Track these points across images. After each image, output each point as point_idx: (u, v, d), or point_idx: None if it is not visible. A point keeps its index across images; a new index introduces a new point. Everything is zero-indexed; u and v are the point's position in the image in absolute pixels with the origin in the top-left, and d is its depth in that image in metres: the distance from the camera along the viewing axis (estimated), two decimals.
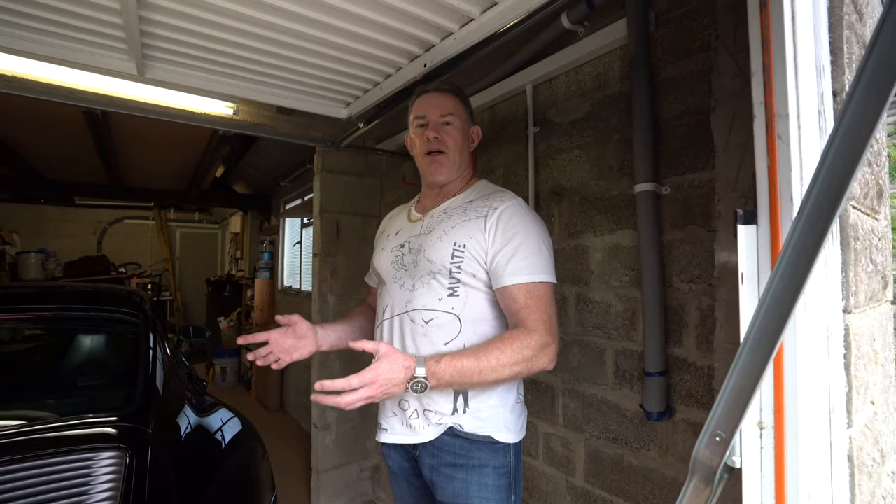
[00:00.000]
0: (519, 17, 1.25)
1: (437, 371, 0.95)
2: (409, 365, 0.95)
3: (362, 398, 0.91)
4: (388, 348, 0.95)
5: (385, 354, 0.94)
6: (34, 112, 3.23)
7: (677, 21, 1.40)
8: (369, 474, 2.97)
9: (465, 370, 0.96)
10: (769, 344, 0.59)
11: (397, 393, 0.97)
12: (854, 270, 0.76)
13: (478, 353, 0.98)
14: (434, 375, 0.95)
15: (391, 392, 0.95)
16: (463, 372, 0.96)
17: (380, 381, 0.92)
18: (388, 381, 0.93)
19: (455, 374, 0.96)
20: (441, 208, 1.22)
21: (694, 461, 0.64)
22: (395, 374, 0.93)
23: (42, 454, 1.26)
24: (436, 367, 0.96)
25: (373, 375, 0.91)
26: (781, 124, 0.67)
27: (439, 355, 0.98)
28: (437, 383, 0.96)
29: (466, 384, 1.01)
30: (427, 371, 0.95)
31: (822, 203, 0.55)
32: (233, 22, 1.38)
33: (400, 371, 0.94)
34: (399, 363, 0.94)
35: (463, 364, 0.96)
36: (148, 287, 6.76)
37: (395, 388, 0.95)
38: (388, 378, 0.93)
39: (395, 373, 0.93)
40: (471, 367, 0.96)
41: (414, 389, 0.96)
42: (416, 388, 0.96)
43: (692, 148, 1.35)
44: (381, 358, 0.94)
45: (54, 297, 2.12)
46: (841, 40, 0.75)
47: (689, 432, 1.35)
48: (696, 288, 1.34)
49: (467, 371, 0.96)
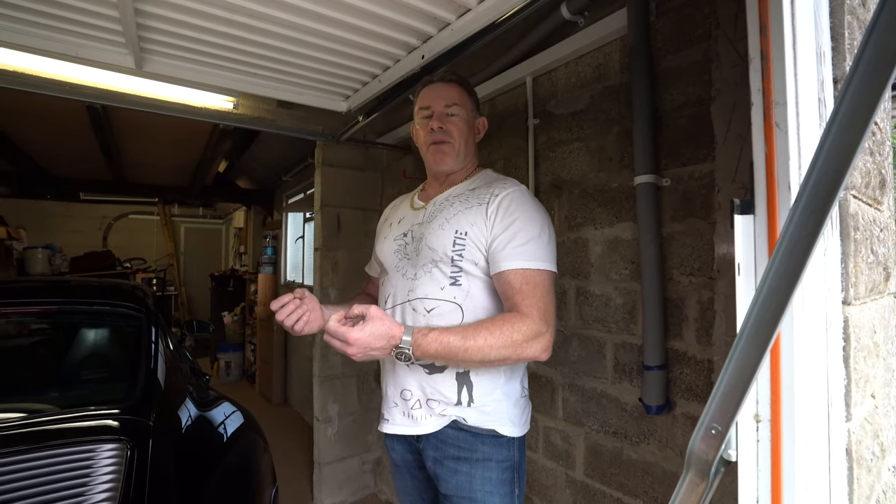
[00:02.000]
0: (516, 6, 1.23)
1: (422, 343, 0.97)
2: (394, 334, 0.96)
3: (335, 346, 0.94)
4: (377, 312, 0.96)
5: (371, 318, 0.95)
6: (38, 108, 3.24)
7: (678, 10, 1.38)
8: (371, 467, 2.98)
9: (451, 347, 0.97)
10: (765, 335, 0.58)
11: (378, 356, 1.00)
12: (854, 261, 0.75)
13: (466, 332, 0.98)
14: (419, 347, 0.97)
15: (370, 355, 0.97)
16: (449, 348, 0.97)
17: (360, 343, 0.93)
18: (366, 346, 0.94)
19: (440, 349, 0.97)
20: (444, 196, 1.21)
21: (689, 454, 0.64)
22: (375, 340, 0.95)
23: (43, 446, 1.27)
24: (422, 340, 0.97)
25: (353, 337, 0.93)
26: (779, 112, 0.66)
27: (428, 328, 0.99)
28: (422, 355, 0.98)
29: (451, 361, 1.03)
30: (412, 342, 0.96)
31: (819, 192, 0.54)
32: (230, 15, 1.37)
33: (382, 338, 0.95)
34: (383, 330, 0.95)
35: (450, 340, 0.97)
36: (153, 282, 6.80)
37: (376, 353, 0.97)
38: (367, 343, 0.94)
39: (376, 339, 0.95)
40: (457, 345, 0.97)
41: (398, 358, 0.98)
42: (400, 358, 0.98)
43: (693, 139, 1.34)
44: (367, 322, 0.95)
45: (59, 291, 2.14)
46: (842, 25, 0.73)
47: (689, 426, 1.34)
48: (696, 281, 1.33)
49: (453, 348, 0.97)
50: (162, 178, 5.84)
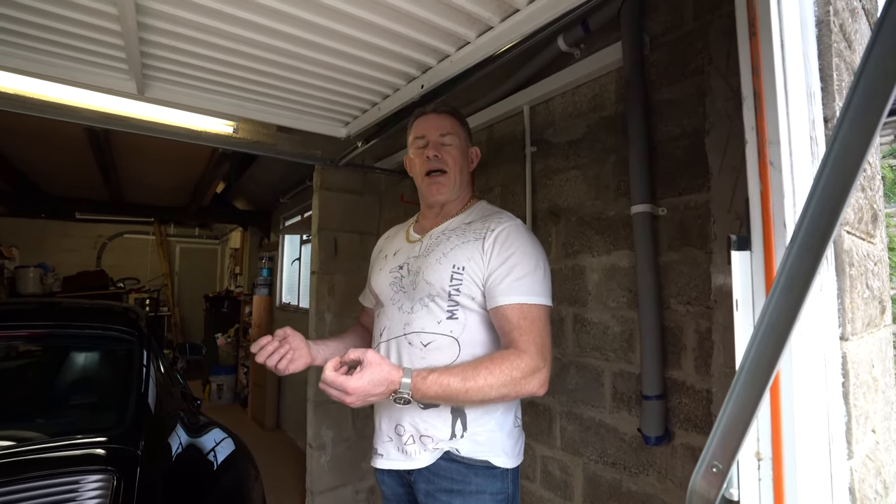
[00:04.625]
0: (514, 40, 1.26)
1: (421, 387, 0.95)
2: (392, 379, 0.94)
3: (332, 396, 0.92)
4: (375, 357, 0.94)
5: (370, 363, 0.93)
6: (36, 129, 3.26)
7: (671, 45, 1.42)
8: (365, 496, 2.91)
9: (451, 389, 0.96)
10: (765, 373, 0.57)
11: (377, 401, 0.99)
12: (850, 296, 0.75)
13: (466, 373, 0.97)
14: (418, 390, 0.95)
15: (370, 401, 0.96)
16: (448, 390, 0.96)
17: (358, 392, 0.91)
18: (365, 393, 0.92)
19: (440, 392, 0.96)
20: (440, 229, 1.21)
21: (691, 493, 0.63)
22: (374, 387, 0.93)
23: (27, 477, 1.23)
24: (421, 384, 0.95)
25: (353, 387, 0.91)
26: (773, 150, 0.67)
27: (427, 370, 0.97)
28: (421, 398, 0.97)
29: (451, 402, 1.03)
30: (412, 385, 0.95)
31: (816, 230, 0.54)
32: (232, 44, 1.40)
33: (381, 385, 0.93)
34: (382, 376, 0.93)
35: (450, 382, 0.96)
36: (146, 302, 6.74)
37: (374, 398, 0.96)
38: (366, 391, 0.92)
39: (375, 386, 0.93)
40: (457, 387, 0.96)
41: (396, 402, 0.97)
42: (399, 402, 0.96)
43: (688, 169, 1.36)
44: (366, 368, 0.93)
45: (49, 314, 2.11)
46: (830, 67, 0.75)
47: (689, 457, 1.32)
48: (693, 310, 1.33)
49: (453, 390, 0.96)
50: (159, 198, 5.85)
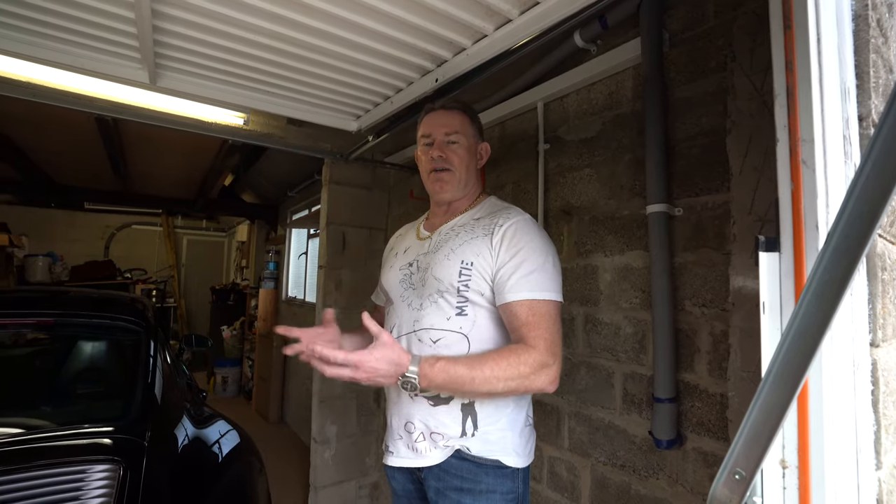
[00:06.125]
0: (533, 34, 1.24)
1: (429, 373, 0.95)
2: (401, 362, 0.94)
3: (344, 377, 0.91)
4: (388, 338, 0.94)
5: (382, 343, 0.93)
6: (48, 118, 3.27)
7: (691, 41, 1.39)
8: (368, 492, 2.91)
9: (458, 378, 0.95)
10: (793, 379, 0.55)
11: (385, 384, 0.97)
12: (882, 302, 0.73)
13: (473, 363, 0.97)
14: (426, 377, 0.95)
15: (377, 381, 0.94)
16: (455, 379, 0.95)
17: (365, 367, 0.91)
18: (373, 370, 0.92)
19: (447, 380, 0.95)
20: (449, 226, 1.21)
21: (711, 500, 0.61)
22: (383, 365, 0.92)
23: (32, 466, 1.23)
24: (429, 370, 0.95)
25: (358, 359, 0.90)
26: (806, 149, 0.65)
27: (436, 357, 0.97)
28: (428, 385, 0.96)
29: (457, 391, 1.02)
30: (420, 371, 0.94)
31: (851, 234, 0.52)
32: (245, 33, 1.39)
33: (390, 364, 0.93)
34: (392, 357, 0.93)
35: (457, 371, 0.95)
36: (153, 293, 6.77)
37: (383, 379, 0.94)
38: (373, 367, 0.91)
39: (384, 364, 0.92)
40: (464, 376, 0.95)
41: (404, 387, 0.96)
42: (406, 387, 0.96)
43: (706, 169, 1.33)
44: (377, 346, 0.93)
45: (57, 302, 2.11)
46: (867, 63, 0.73)
47: (700, 462, 1.30)
48: (708, 312, 1.30)
49: (460, 379, 0.95)
50: (167, 190, 5.86)
